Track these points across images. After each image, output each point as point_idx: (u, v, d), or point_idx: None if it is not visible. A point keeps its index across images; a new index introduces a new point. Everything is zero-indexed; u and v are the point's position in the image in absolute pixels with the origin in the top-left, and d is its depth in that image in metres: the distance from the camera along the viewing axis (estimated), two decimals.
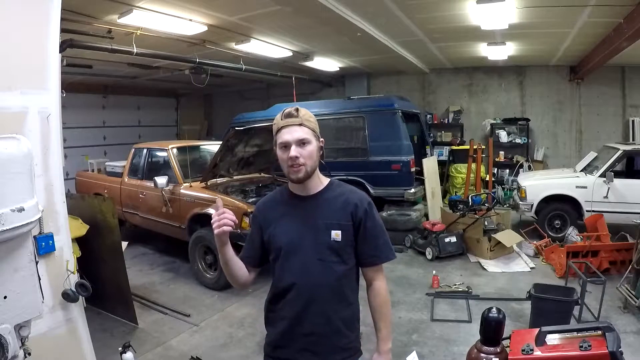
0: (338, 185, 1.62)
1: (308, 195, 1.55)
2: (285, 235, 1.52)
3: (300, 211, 1.54)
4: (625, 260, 4.55)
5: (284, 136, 1.46)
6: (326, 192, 1.57)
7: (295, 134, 1.46)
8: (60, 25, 2.47)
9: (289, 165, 1.46)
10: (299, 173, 1.46)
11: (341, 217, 1.52)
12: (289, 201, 1.58)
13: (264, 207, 1.63)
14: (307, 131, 1.48)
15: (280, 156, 1.49)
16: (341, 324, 1.52)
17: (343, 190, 1.59)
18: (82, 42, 5.20)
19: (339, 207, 1.53)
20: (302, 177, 1.48)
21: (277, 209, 1.58)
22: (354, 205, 1.53)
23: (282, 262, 1.52)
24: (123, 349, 2.93)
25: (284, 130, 1.46)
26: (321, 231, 1.50)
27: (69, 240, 2.60)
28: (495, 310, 1.66)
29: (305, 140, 1.47)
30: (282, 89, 10.32)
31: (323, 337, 1.50)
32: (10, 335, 1.40)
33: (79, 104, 9.52)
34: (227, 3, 4.85)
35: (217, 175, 5.14)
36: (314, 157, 1.50)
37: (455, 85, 10.02)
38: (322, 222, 1.51)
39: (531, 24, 5.77)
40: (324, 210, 1.53)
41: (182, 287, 4.85)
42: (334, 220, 1.51)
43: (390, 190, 6.79)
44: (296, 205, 1.55)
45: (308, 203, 1.54)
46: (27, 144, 1.50)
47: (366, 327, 1.72)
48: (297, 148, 1.45)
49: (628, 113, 8.65)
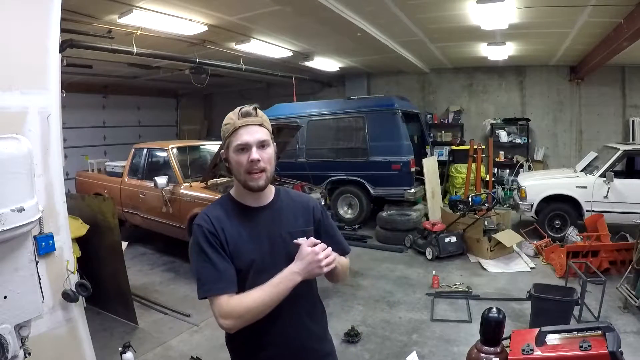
0: (285, 191, 1.53)
1: (262, 206, 1.42)
2: (253, 251, 1.36)
3: (258, 223, 1.40)
4: (625, 260, 4.55)
5: (243, 137, 1.31)
6: (278, 200, 1.46)
7: (255, 134, 1.32)
8: (60, 25, 2.47)
9: (248, 170, 1.32)
10: (260, 180, 1.33)
11: (302, 223, 1.45)
12: (241, 213, 1.40)
13: (214, 220, 1.36)
14: (267, 133, 1.36)
15: (236, 160, 1.34)
16: (323, 332, 1.52)
17: (292, 196, 1.53)
18: (82, 42, 5.20)
19: (299, 214, 1.46)
20: (263, 185, 1.35)
21: (230, 222, 1.38)
22: (311, 208, 1.49)
23: (251, 281, 1.33)
24: (123, 349, 2.93)
25: (242, 130, 1.32)
26: (288, 242, 1.38)
27: (69, 240, 2.59)
28: (495, 310, 1.66)
29: (265, 143, 1.34)
30: (282, 89, 10.32)
31: (312, 351, 1.46)
32: (10, 335, 1.40)
33: (79, 104, 9.51)
34: (227, 3, 4.85)
35: (217, 175, 5.14)
36: (273, 162, 1.38)
37: (455, 85, 10.02)
38: (286, 231, 1.41)
39: (531, 24, 5.77)
40: (283, 219, 1.43)
41: (182, 287, 4.84)
42: (297, 228, 1.43)
43: (390, 190, 6.81)
44: (251, 218, 1.40)
45: (264, 214, 1.42)
46: (27, 144, 1.51)
47: (367, 328, 1.72)
48: (258, 150, 1.32)
49: (628, 113, 8.65)
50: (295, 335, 1.42)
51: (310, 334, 1.46)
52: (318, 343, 1.50)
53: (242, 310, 1.27)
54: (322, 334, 1.53)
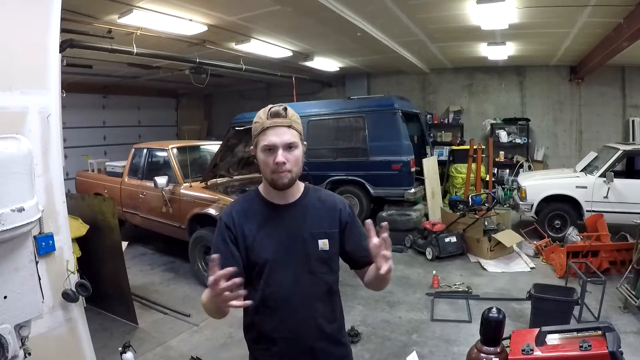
0: (314, 190, 1.51)
1: (287, 204, 1.43)
2: (269, 248, 1.38)
3: (281, 221, 1.41)
4: (625, 260, 4.55)
5: (270, 137, 1.33)
6: (305, 199, 1.45)
7: (283, 136, 1.33)
8: (60, 25, 2.47)
9: (273, 171, 1.34)
10: (285, 178, 1.34)
11: (327, 225, 1.43)
12: (265, 211, 1.43)
13: (237, 215, 1.42)
14: (295, 134, 1.36)
15: (262, 159, 1.36)
16: (338, 333, 1.49)
17: (321, 196, 1.49)
18: (82, 42, 5.21)
19: (323, 214, 1.44)
20: (288, 183, 1.36)
21: (253, 217, 1.42)
22: (338, 210, 1.46)
23: (266, 277, 1.38)
24: (123, 349, 2.93)
25: (270, 131, 1.33)
26: (308, 242, 1.39)
27: (69, 240, 2.60)
28: (495, 310, 1.66)
29: (293, 144, 1.34)
30: (282, 89, 10.32)
31: (323, 352, 1.44)
32: (10, 335, 1.40)
33: (79, 104, 9.52)
34: (227, 3, 4.85)
35: (217, 175, 5.14)
36: (300, 162, 1.38)
37: (455, 85, 10.02)
38: (308, 232, 1.40)
39: (531, 24, 5.76)
40: (307, 219, 1.42)
41: (182, 287, 4.85)
42: (319, 229, 1.42)
43: (390, 190, 6.80)
44: (275, 215, 1.42)
45: (288, 212, 1.42)
46: (27, 144, 1.51)
47: (367, 328, 1.72)
48: (284, 152, 1.32)
49: (628, 113, 8.64)
50: (307, 335, 1.41)
51: (323, 335, 1.44)
52: (331, 345, 1.47)
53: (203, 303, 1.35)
54: (336, 336, 1.49)
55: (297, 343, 1.41)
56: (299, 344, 1.41)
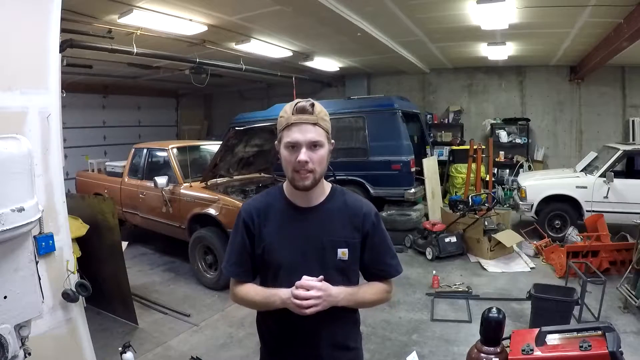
0: (341, 193, 1.42)
1: (308, 207, 1.36)
2: (285, 251, 1.34)
3: (301, 225, 1.35)
4: (625, 260, 4.55)
5: (294, 134, 1.25)
6: (329, 202, 1.38)
7: (308, 134, 1.25)
8: (60, 25, 2.47)
9: (295, 169, 1.26)
10: (306, 180, 1.27)
11: (348, 233, 1.36)
12: (286, 211, 1.37)
13: (257, 213, 1.38)
14: (321, 132, 1.27)
15: (285, 156, 1.29)
16: (348, 339, 1.46)
17: (347, 199, 1.41)
18: (82, 42, 5.21)
19: (346, 222, 1.36)
20: (309, 185, 1.28)
21: (273, 217, 1.37)
22: (361, 217, 1.38)
23: (281, 281, 1.34)
24: (123, 349, 2.92)
25: (295, 127, 1.25)
26: (327, 250, 1.33)
27: (69, 240, 2.60)
28: (495, 310, 1.66)
29: (318, 143, 1.26)
30: (282, 89, 10.32)
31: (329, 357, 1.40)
32: (10, 335, 1.40)
33: (79, 104, 9.52)
34: (227, 3, 4.85)
35: (217, 175, 5.14)
36: (324, 162, 1.30)
37: (455, 85, 10.02)
38: (328, 239, 1.34)
39: (531, 24, 5.77)
40: (328, 225, 1.35)
41: (182, 287, 4.85)
42: (340, 237, 1.35)
43: (390, 190, 6.79)
44: (295, 217, 1.36)
45: (310, 216, 1.35)
46: (27, 144, 1.50)
47: (367, 328, 1.72)
48: (307, 151, 1.25)
49: (628, 113, 8.64)
50: (314, 343, 1.38)
51: (333, 343, 1.40)
52: (340, 351, 1.43)
53: (239, 298, 1.43)
54: (347, 343, 1.45)
55: (305, 346, 1.39)
56: (306, 347, 1.39)
